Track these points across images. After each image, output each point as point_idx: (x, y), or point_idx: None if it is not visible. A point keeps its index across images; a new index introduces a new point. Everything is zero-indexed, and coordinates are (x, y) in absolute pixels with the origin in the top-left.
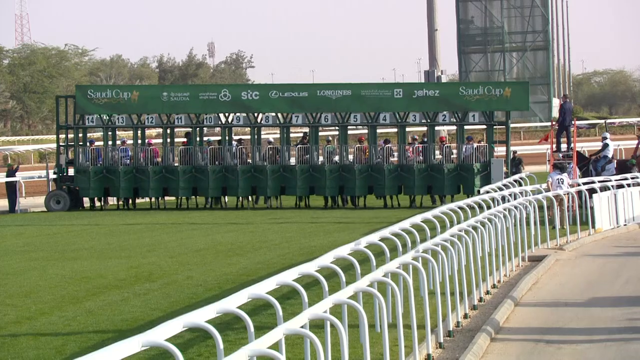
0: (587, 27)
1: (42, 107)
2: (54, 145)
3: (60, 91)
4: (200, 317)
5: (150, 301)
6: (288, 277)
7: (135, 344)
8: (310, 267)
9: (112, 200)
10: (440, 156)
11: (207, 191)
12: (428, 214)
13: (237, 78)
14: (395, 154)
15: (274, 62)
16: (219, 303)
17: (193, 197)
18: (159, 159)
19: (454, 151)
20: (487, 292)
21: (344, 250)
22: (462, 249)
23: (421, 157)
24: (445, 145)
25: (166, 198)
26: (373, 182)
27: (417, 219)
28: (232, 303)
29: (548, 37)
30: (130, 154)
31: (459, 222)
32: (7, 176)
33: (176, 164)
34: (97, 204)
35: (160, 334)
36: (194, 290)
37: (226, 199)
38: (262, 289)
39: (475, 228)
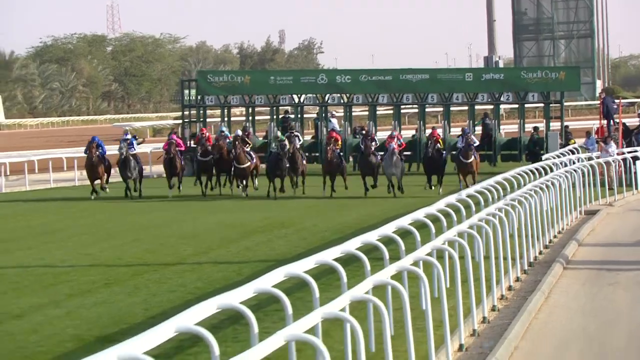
0: (624, 12)
1: (140, 88)
2: (164, 122)
3: (155, 75)
4: (269, 281)
5: (291, 242)
6: (351, 245)
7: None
8: (372, 236)
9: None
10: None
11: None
12: (507, 174)
13: (309, 63)
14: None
15: (337, 47)
16: (288, 266)
17: None
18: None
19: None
20: (555, 237)
21: (432, 208)
22: (534, 203)
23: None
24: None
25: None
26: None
27: (493, 180)
28: (300, 267)
29: (592, 27)
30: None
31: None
32: None
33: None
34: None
35: (236, 297)
36: (322, 234)
37: None
38: (329, 255)
39: (542, 188)
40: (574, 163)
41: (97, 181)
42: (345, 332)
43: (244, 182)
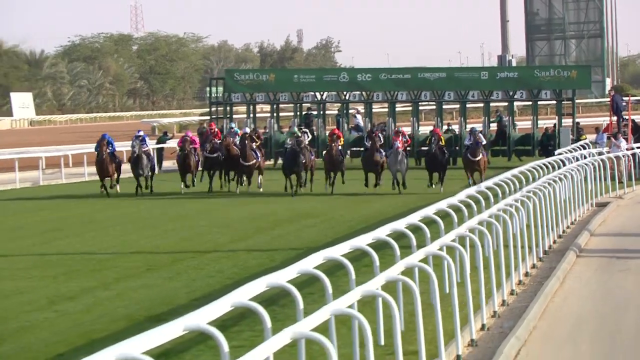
0: (632, 12)
1: (164, 86)
2: (190, 118)
3: (179, 73)
4: (311, 263)
5: (320, 231)
6: (382, 232)
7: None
8: (400, 224)
9: None
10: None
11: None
12: (522, 168)
13: (327, 61)
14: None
15: (353, 46)
16: (326, 250)
17: None
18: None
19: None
20: (568, 227)
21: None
22: (548, 195)
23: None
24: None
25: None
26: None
27: (510, 173)
28: (336, 252)
29: (602, 26)
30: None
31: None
32: (159, 142)
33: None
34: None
35: (282, 276)
36: (348, 224)
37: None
38: (362, 241)
39: (555, 181)
40: (585, 158)
41: (107, 179)
42: (377, 309)
43: (249, 179)
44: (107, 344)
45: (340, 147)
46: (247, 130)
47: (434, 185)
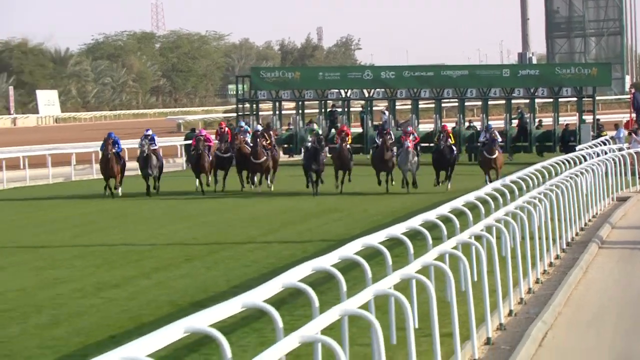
0: None
1: (186, 84)
2: (214, 115)
3: (201, 70)
4: (351, 250)
5: (347, 224)
6: (415, 222)
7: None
8: (431, 215)
9: None
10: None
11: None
12: (544, 163)
13: (347, 59)
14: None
15: (372, 43)
16: (365, 238)
17: None
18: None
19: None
20: (589, 220)
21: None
22: (570, 189)
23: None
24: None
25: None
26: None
27: (533, 167)
28: (375, 239)
29: (622, 24)
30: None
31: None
32: (187, 139)
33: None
34: None
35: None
36: (374, 218)
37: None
38: (397, 230)
39: (576, 175)
40: (605, 153)
41: (111, 179)
42: (412, 292)
43: (264, 176)
44: (155, 327)
45: (349, 145)
46: (259, 128)
47: (440, 184)
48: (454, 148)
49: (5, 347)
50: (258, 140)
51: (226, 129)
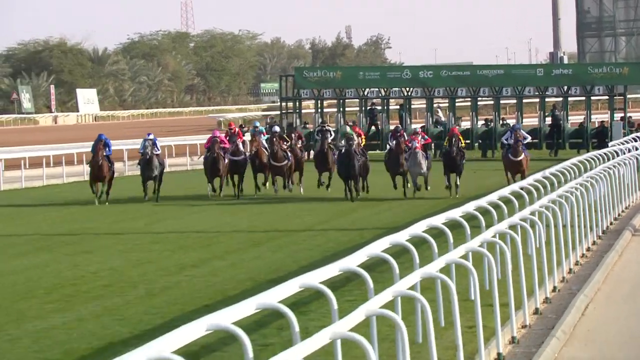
0: None
1: (220, 82)
2: (253, 114)
3: (234, 69)
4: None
5: (396, 214)
6: (455, 213)
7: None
8: (470, 207)
9: None
10: None
11: None
12: (580, 157)
13: (377, 58)
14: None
15: (401, 42)
16: (366, 248)
17: None
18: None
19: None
20: (622, 211)
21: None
22: (606, 182)
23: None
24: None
25: None
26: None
27: (567, 162)
28: (419, 228)
29: None
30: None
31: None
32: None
33: None
34: None
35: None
36: (421, 208)
37: None
38: (437, 220)
39: (611, 168)
40: (637, 149)
41: (99, 183)
42: (460, 273)
43: (285, 181)
44: (242, 298)
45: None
46: (277, 129)
47: (450, 187)
48: (464, 152)
49: (116, 313)
50: (275, 140)
51: (236, 129)
